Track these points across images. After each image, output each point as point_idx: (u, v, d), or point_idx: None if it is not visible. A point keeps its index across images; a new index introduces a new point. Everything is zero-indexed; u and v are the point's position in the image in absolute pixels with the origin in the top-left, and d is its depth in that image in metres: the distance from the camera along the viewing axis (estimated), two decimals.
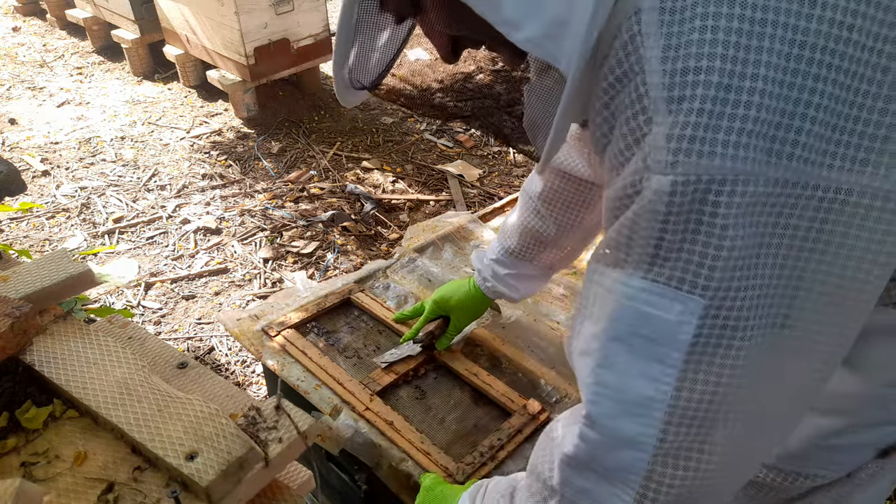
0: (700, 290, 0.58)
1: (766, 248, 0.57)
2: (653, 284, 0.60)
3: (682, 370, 0.61)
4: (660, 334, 0.61)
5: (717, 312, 0.58)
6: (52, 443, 0.82)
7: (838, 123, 0.55)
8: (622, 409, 0.65)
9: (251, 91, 3.80)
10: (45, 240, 2.90)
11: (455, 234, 1.74)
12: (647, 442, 0.64)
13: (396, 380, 1.28)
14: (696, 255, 0.57)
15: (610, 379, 0.65)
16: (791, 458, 0.95)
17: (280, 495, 0.84)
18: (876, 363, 0.84)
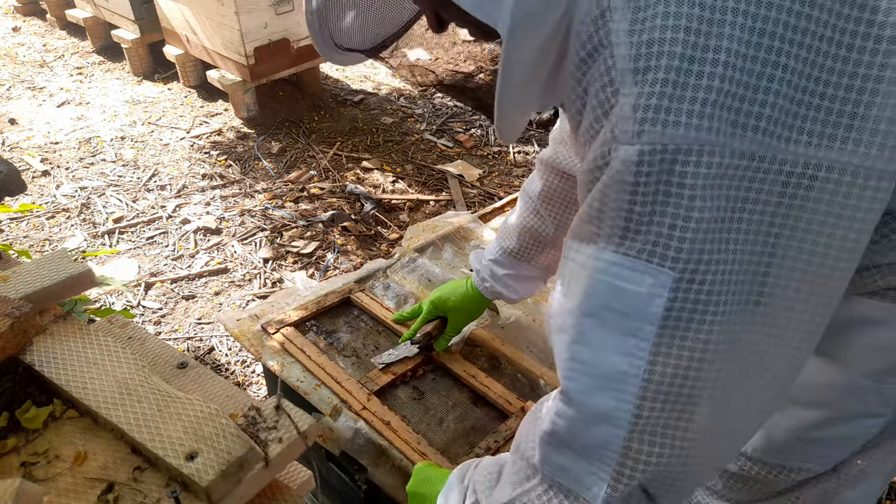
0: (670, 263, 0.58)
1: (736, 222, 0.58)
2: (624, 258, 0.60)
3: (654, 344, 0.61)
4: (632, 308, 0.61)
5: (687, 286, 0.58)
6: (52, 443, 0.82)
7: (803, 98, 0.56)
8: (597, 384, 0.65)
9: (251, 91, 3.80)
10: (45, 240, 2.90)
11: (455, 234, 1.74)
12: (622, 417, 0.64)
13: (394, 380, 1.29)
14: (666, 227, 0.58)
15: (584, 354, 0.66)
16: (775, 452, 0.95)
17: (280, 495, 0.84)
18: (853, 354, 0.84)
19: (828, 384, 0.87)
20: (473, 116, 4.08)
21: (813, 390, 0.89)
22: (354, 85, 4.41)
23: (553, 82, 0.71)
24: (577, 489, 0.70)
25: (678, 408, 0.63)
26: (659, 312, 0.60)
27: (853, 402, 0.87)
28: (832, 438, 0.91)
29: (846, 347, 0.85)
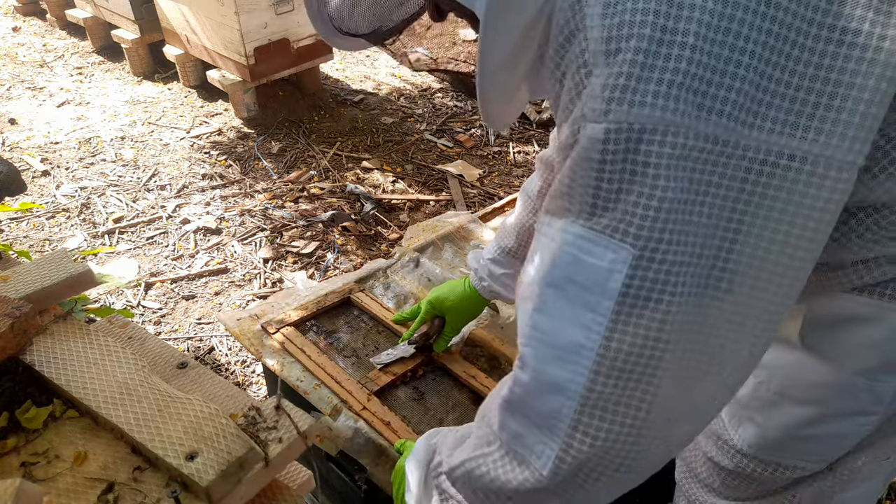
0: (631, 240, 0.59)
1: (699, 205, 0.58)
2: (589, 232, 0.61)
3: (612, 320, 0.62)
4: (592, 282, 0.62)
5: (647, 264, 0.59)
6: (52, 443, 0.82)
7: (767, 85, 0.56)
8: (553, 353, 0.66)
9: (251, 91, 3.80)
10: (45, 240, 2.90)
11: (455, 234, 1.74)
12: (574, 389, 0.65)
13: (394, 380, 1.28)
14: (630, 204, 0.59)
15: (544, 323, 0.67)
16: (770, 449, 0.96)
17: (280, 495, 0.84)
18: (844, 352, 0.85)
19: (820, 382, 0.88)
20: (473, 116, 4.07)
21: (806, 388, 0.89)
22: (354, 85, 4.41)
23: (539, 70, 0.73)
24: (528, 457, 0.71)
25: (631, 385, 0.63)
26: (617, 288, 0.61)
27: (846, 399, 0.87)
28: (826, 436, 0.91)
29: (837, 345, 0.85)
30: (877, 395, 0.86)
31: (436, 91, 4.36)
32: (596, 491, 0.70)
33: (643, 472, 0.71)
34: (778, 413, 0.94)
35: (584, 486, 0.69)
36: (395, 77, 4.53)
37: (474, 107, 4.17)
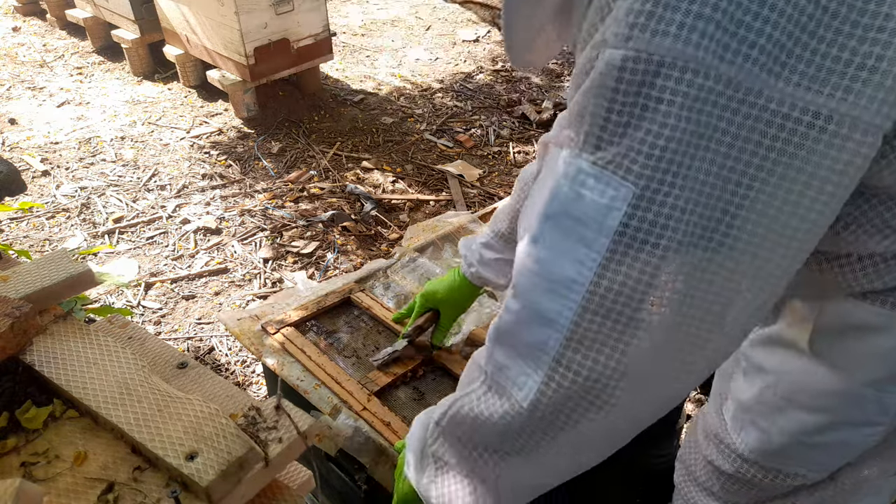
0: (633, 178, 0.57)
1: (710, 152, 0.56)
2: (592, 166, 0.60)
3: (605, 257, 0.60)
4: (590, 217, 0.60)
5: (647, 206, 0.57)
6: (52, 443, 0.82)
7: (801, 37, 0.54)
8: (544, 284, 0.65)
9: (251, 91, 3.80)
10: (45, 240, 2.90)
11: (455, 234, 1.74)
12: (562, 323, 0.64)
13: (395, 380, 1.28)
14: (637, 140, 0.57)
15: (538, 254, 0.66)
16: (773, 455, 0.94)
17: (280, 495, 0.84)
18: (854, 362, 0.83)
19: (829, 390, 0.86)
20: (473, 116, 4.08)
21: (814, 395, 0.88)
22: (354, 85, 4.41)
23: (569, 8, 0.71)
24: (510, 389, 0.70)
25: (618, 328, 0.62)
26: (614, 226, 0.59)
27: (854, 409, 0.86)
28: (832, 444, 0.89)
29: (846, 354, 0.83)
30: (884, 406, 0.84)
31: (436, 91, 4.36)
32: (577, 435, 0.69)
33: (626, 423, 0.69)
34: (784, 419, 0.91)
35: (565, 426, 0.68)
36: (395, 77, 4.53)
37: (474, 107, 4.18)
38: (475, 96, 4.30)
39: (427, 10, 5.73)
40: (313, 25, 3.85)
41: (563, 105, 4.09)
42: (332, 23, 5.11)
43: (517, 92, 4.37)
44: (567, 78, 4.59)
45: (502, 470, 0.77)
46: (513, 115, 4.09)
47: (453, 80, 4.51)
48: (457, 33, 5.25)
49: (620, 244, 0.59)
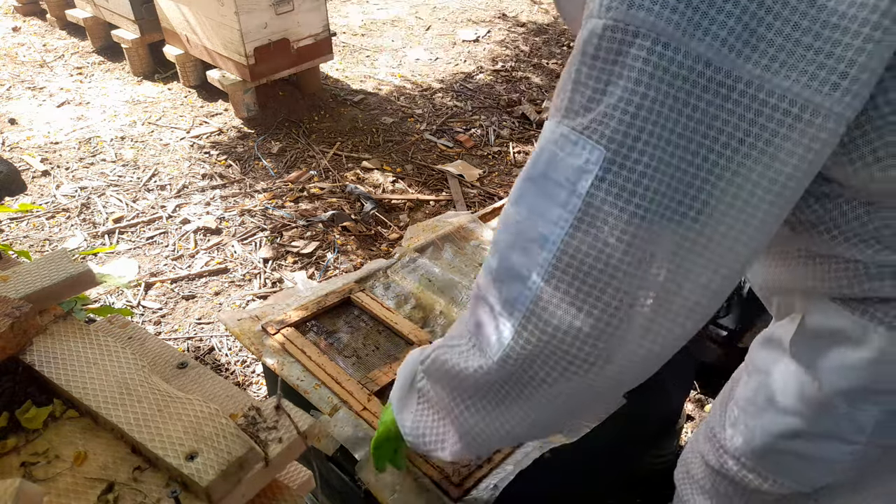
0: (605, 142, 0.60)
1: (679, 125, 0.58)
2: (571, 131, 0.63)
3: (577, 218, 0.63)
4: (566, 179, 0.64)
5: (618, 170, 0.60)
6: (52, 443, 0.82)
7: (770, 21, 0.55)
8: (519, 242, 0.68)
9: (251, 91, 3.80)
10: (45, 240, 2.90)
11: (455, 234, 1.74)
12: (534, 280, 0.67)
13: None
14: (610, 106, 0.60)
15: (516, 214, 0.69)
16: (755, 456, 0.95)
17: (280, 495, 0.84)
18: (827, 368, 0.83)
19: (803, 395, 0.86)
20: (473, 116, 4.08)
21: (790, 398, 0.88)
22: (354, 85, 4.41)
23: None
24: (485, 346, 0.73)
25: (585, 289, 0.64)
26: (586, 188, 0.62)
27: (825, 419, 0.86)
28: (806, 455, 0.89)
29: (822, 360, 0.84)
30: (858, 424, 0.83)
31: (436, 91, 4.36)
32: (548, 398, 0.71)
33: (595, 388, 0.70)
34: (765, 419, 0.92)
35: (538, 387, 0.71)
36: (395, 77, 4.53)
37: (474, 107, 4.18)
38: (475, 96, 4.30)
39: (427, 10, 5.73)
40: (313, 25, 3.85)
41: None
42: (332, 23, 5.11)
43: (517, 92, 4.37)
44: None
45: (472, 417, 0.81)
46: (513, 115, 4.09)
47: (453, 79, 4.51)
48: (457, 33, 5.25)
49: (591, 206, 0.62)
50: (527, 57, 4.90)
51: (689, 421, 2.18)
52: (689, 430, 2.16)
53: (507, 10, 5.76)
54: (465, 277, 1.59)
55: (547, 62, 4.81)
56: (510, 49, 5.01)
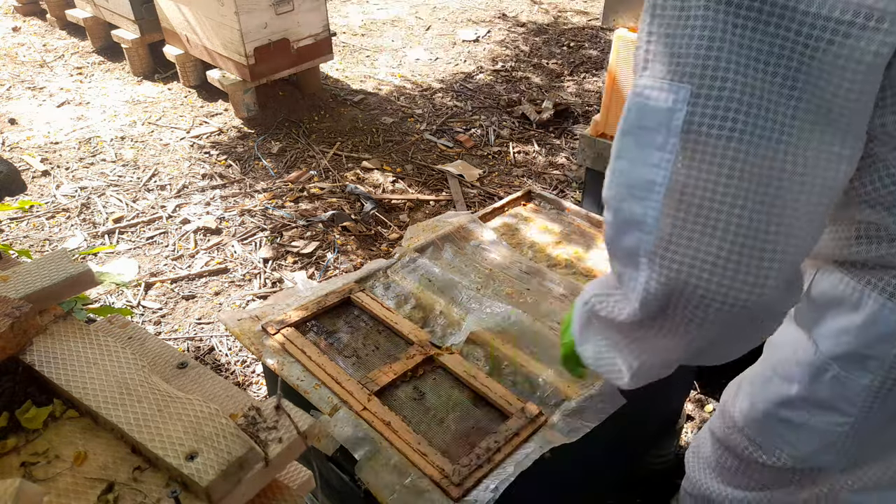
0: (687, 79, 0.65)
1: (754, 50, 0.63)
2: (651, 80, 0.69)
3: (677, 155, 0.68)
4: (658, 123, 0.68)
5: (704, 101, 0.65)
6: (52, 443, 0.82)
7: None
8: (628, 192, 0.73)
9: (251, 91, 3.80)
10: (45, 240, 2.90)
11: (455, 234, 1.74)
12: (650, 223, 0.71)
13: (395, 380, 1.28)
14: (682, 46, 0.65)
15: (621, 166, 0.74)
16: (755, 423, 1.03)
17: (280, 495, 0.84)
18: (823, 332, 0.90)
19: (802, 360, 0.93)
20: (473, 116, 4.08)
21: (791, 365, 0.95)
22: (354, 85, 4.41)
23: None
24: (629, 293, 0.78)
25: (700, 220, 0.68)
26: (679, 125, 0.66)
27: (821, 386, 0.92)
28: (801, 425, 0.96)
29: (819, 325, 0.91)
30: (848, 396, 0.89)
31: (436, 91, 4.36)
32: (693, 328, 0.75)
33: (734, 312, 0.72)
34: (768, 388, 1.00)
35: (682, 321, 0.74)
36: (395, 77, 4.53)
37: (474, 107, 4.18)
38: (475, 96, 4.30)
39: (427, 10, 5.73)
40: (313, 25, 3.85)
41: (562, 104, 4.09)
42: (332, 23, 5.11)
43: (517, 92, 4.37)
44: (567, 78, 4.59)
45: (633, 353, 0.88)
46: (513, 115, 4.09)
47: (453, 79, 4.51)
48: (457, 33, 5.25)
49: (688, 140, 0.67)
50: (527, 57, 4.89)
51: (688, 421, 2.18)
52: (688, 430, 2.16)
53: (507, 10, 5.76)
54: (465, 277, 1.59)
55: (547, 62, 4.81)
56: (510, 49, 5.01)
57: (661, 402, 1.79)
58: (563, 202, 1.88)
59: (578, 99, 4.29)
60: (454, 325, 1.43)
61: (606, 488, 1.80)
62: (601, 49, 5.00)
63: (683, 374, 1.87)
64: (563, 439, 1.16)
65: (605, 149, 2.10)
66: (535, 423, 1.18)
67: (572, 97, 4.31)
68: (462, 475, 1.08)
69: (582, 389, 1.26)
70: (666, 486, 1.98)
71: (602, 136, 2.12)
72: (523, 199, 1.92)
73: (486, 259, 1.67)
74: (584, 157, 2.17)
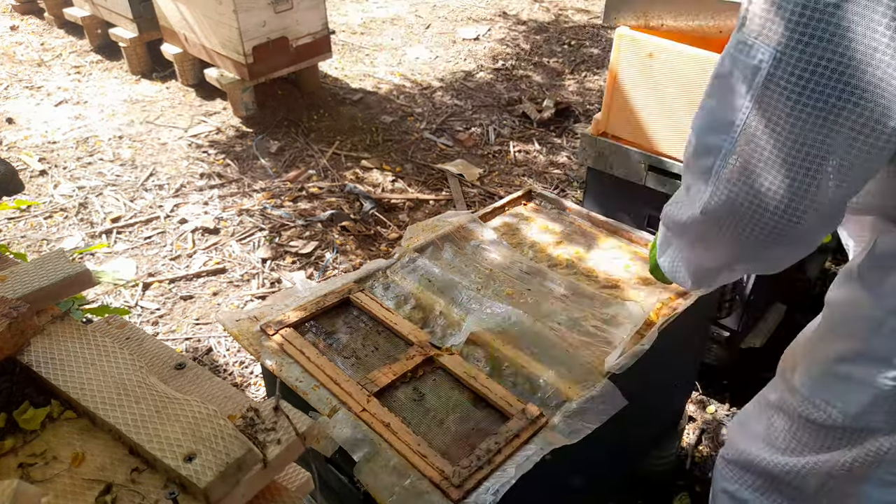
0: (775, 43, 0.78)
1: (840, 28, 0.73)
2: (746, 37, 0.81)
3: (755, 104, 0.82)
4: (744, 75, 0.82)
5: (785, 66, 0.77)
6: (50, 444, 0.82)
7: None
8: (711, 125, 0.90)
9: (250, 90, 3.79)
10: (43, 240, 2.90)
11: (455, 233, 1.74)
12: (724, 153, 0.88)
13: (394, 381, 1.28)
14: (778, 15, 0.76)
15: (708, 103, 0.90)
16: (812, 382, 1.12)
17: (279, 497, 0.83)
18: (886, 289, 1.00)
19: (862, 316, 1.03)
20: (473, 115, 4.07)
21: (851, 322, 1.06)
22: (354, 84, 4.40)
23: None
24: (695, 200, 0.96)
25: (763, 158, 0.84)
26: (761, 81, 0.80)
27: (880, 340, 1.01)
28: (857, 379, 1.05)
29: (883, 282, 1.00)
30: None
31: (436, 89, 4.35)
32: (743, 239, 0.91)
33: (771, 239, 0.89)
34: (825, 346, 1.10)
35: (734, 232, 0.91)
36: (395, 75, 4.53)
37: (474, 105, 4.17)
38: (475, 95, 4.30)
39: (427, 8, 5.72)
40: (312, 24, 3.84)
41: (563, 103, 4.08)
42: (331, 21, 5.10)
43: (517, 90, 4.36)
44: (568, 76, 4.59)
45: (694, 255, 1.08)
46: (513, 113, 4.08)
47: (453, 78, 4.51)
48: (457, 31, 5.25)
49: (765, 94, 0.81)
50: (527, 55, 4.89)
51: (690, 422, 2.18)
52: (690, 431, 2.16)
53: (507, 8, 5.76)
54: (465, 277, 1.59)
55: (548, 60, 4.81)
56: (511, 47, 5.01)
57: (663, 403, 1.79)
58: (564, 202, 1.87)
59: (579, 98, 4.29)
60: (454, 326, 1.42)
61: (607, 489, 1.79)
62: (602, 47, 5.00)
63: (686, 375, 1.86)
64: (564, 441, 1.15)
65: (607, 148, 2.09)
66: (536, 425, 1.18)
67: (573, 96, 4.31)
68: (462, 477, 1.07)
69: (583, 391, 1.26)
70: (667, 487, 1.98)
71: (603, 134, 2.11)
72: (524, 198, 1.92)
73: (487, 259, 1.66)
74: (585, 157, 2.16)
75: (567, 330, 1.42)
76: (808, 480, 1.17)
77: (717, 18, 1.78)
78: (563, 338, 1.39)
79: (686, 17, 1.83)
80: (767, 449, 1.24)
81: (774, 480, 1.24)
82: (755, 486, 1.29)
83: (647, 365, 1.33)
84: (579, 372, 1.30)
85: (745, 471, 1.31)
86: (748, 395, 2.24)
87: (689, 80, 1.80)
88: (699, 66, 1.75)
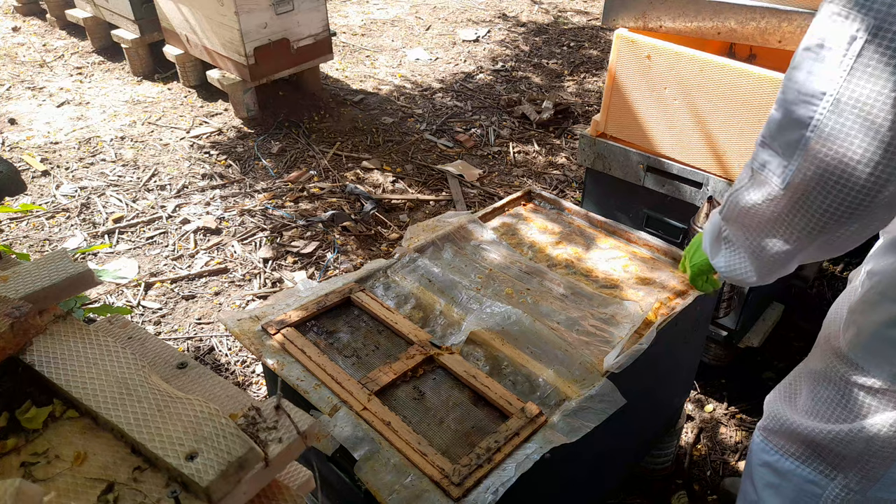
0: (873, 14, 0.78)
1: None
2: (841, 7, 0.82)
3: (850, 73, 0.82)
4: (838, 45, 0.83)
5: (882, 35, 0.78)
6: (52, 443, 0.82)
7: None
8: (801, 98, 0.89)
9: (251, 91, 3.80)
10: (45, 240, 2.90)
11: (455, 234, 1.74)
12: (814, 125, 0.87)
13: (395, 380, 1.28)
14: None
15: (797, 76, 0.89)
16: (861, 348, 1.13)
17: (280, 495, 0.84)
18: None
19: None
20: (473, 116, 4.07)
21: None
22: (354, 85, 4.41)
23: None
24: (770, 178, 0.96)
25: (857, 126, 0.83)
26: (857, 50, 0.81)
27: None
28: None
29: None
30: None
31: (436, 91, 4.36)
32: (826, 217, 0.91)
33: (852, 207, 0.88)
34: (876, 312, 1.10)
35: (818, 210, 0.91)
36: (395, 77, 4.53)
37: (474, 107, 4.18)
38: (475, 96, 4.30)
39: (427, 10, 5.73)
40: (313, 25, 3.85)
41: (562, 104, 4.09)
42: (332, 23, 5.11)
43: (517, 92, 4.37)
44: (567, 78, 4.59)
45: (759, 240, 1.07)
46: (513, 114, 4.09)
47: (453, 79, 4.51)
48: (457, 33, 5.25)
49: (861, 64, 0.81)
50: (527, 57, 4.90)
51: (688, 421, 2.18)
52: (688, 430, 2.16)
53: (507, 10, 5.76)
54: (465, 277, 1.59)
55: (547, 62, 4.81)
56: (510, 49, 5.01)
57: (662, 402, 1.79)
58: (563, 202, 1.88)
59: (578, 99, 4.29)
60: (454, 325, 1.43)
61: (606, 488, 1.80)
62: (601, 49, 5.00)
63: (684, 374, 1.87)
64: (564, 439, 1.16)
65: (605, 149, 2.09)
66: (536, 423, 1.18)
67: (572, 97, 4.31)
68: (462, 475, 1.08)
69: (582, 390, 1.26)
70: (666, 486, 1.98)
71: (602, 136, 2.12)
72: (523, 199, 1.92)
73: (486, 259, 1.67)
74: (584, 158, 2.17)
75: (566, 329, 1.43)
76: (852, 446, 1.17)
77: (715, 20, 1.78)
78: (562, 337, 1.39)
79: (684, 18, 1.84)
80: (811, 418, 1.24)
81: (818, 448, 1.24)
82: (797, 455, 1.30)
83: (646, 364, 1.34)
84: (578, 371, 1.31)
85: (788, 440, 1.31)
86: (746, 394, 2.25)
87: (687, 81, 1.80)
88: (697, 67, 1.76)
